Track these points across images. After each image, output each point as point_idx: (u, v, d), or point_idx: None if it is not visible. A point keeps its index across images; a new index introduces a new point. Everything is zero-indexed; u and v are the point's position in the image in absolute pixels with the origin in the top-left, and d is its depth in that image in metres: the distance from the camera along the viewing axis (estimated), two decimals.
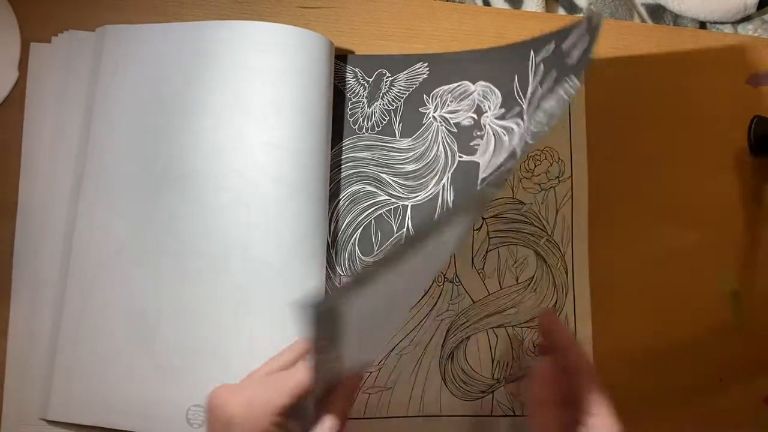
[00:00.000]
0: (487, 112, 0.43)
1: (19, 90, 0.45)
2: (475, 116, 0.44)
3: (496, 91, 0.44)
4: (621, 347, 0.48)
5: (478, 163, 0.45)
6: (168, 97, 0.44)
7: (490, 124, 0.42)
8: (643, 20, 0.55)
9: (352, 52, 0.48)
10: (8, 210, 0.44)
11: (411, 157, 0.46)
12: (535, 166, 0.49)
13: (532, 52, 0.42)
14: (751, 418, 0.49)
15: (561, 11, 0.55)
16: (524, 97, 0.42)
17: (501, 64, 0.44)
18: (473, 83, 0.44)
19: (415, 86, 0.46)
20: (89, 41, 0.46)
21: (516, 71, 0.43)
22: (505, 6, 0.53)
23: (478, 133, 0.44)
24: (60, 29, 0.46)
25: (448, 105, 0.45)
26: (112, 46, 0.45)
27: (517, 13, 0.52)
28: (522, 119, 0.41)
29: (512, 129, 0.41)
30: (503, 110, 0.43)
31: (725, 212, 0.51)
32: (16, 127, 0.45)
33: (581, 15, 0.54)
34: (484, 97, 0.44)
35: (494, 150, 0.42)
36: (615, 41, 0.52)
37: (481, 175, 0.43)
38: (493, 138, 0.43)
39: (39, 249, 0.44)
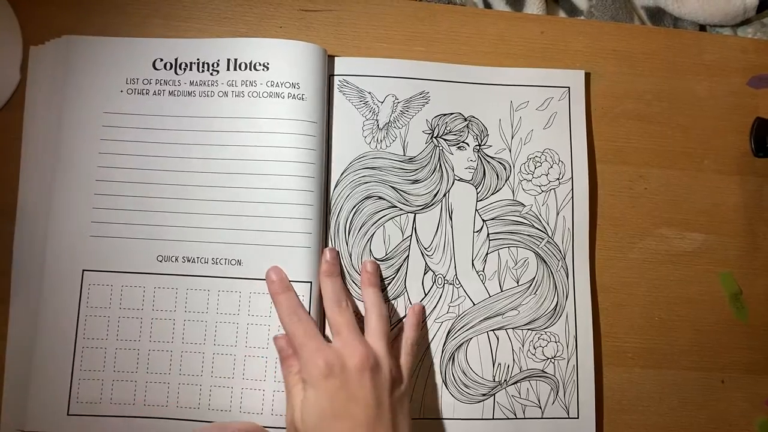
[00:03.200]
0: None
1: (20, 93, 0.46)
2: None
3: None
4: (622, 349, 0.48)
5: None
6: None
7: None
8: (643, 23, 0.55)
9: (353, 55, 0.49)
10: (8, 212, 0.44)
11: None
12: (536, 168, 0.49)
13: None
14: (753, 420, 0.48)
15: (561, 14, 0.55)
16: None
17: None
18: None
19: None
20: (81, 45, 0.46)
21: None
22: (506, 9, 0.53)
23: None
24: (62, 32, 0.46)
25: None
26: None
27: (518, 16, 0.52)
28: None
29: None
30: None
31: (727, 214, 0.51)
32: (17, 129, 0.45)
33: (581, 17, 0.54)
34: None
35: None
36: (615, 44, 0.52)
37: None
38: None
39: (36, 252, 0.43)
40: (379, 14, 0.50)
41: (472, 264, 0.47)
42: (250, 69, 0.45)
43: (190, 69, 0.46)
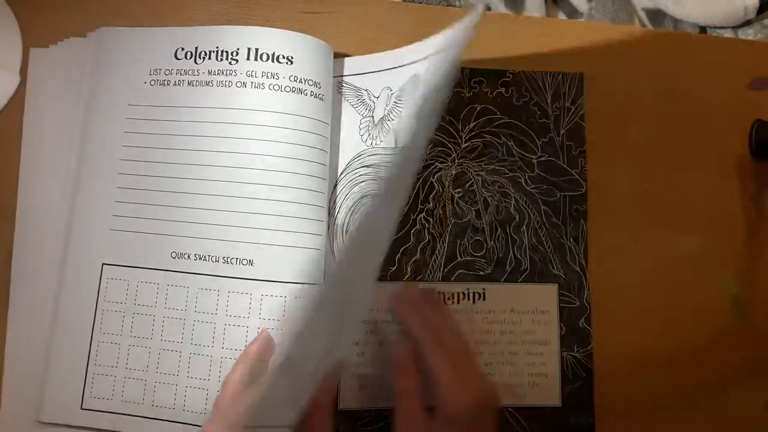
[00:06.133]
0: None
1: (20, 95, 0.46)
2: None
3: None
4: (621, 352, 0.48)
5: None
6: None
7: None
8: (643, 25, 0.55)
9: (353, 56, 0.49)
10: (8, 213, 0.44)
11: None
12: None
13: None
14: (753, 423, 0.48)
15: (561, 15, 0.55)
16: None
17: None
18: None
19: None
20: (85, 46, 0.46)
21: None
22: (506, 10, 0.53)
23: None
24: (61, 34, 0.46)
25: None
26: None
27: (518, 18, 0.52)
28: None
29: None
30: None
31: (726, 216, 0.50)
32: (16, 131, 0.45)
33: (581, 19, 0.54)
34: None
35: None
36: (615, 46, 0.52)
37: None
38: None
39: (37, 252, 0.44)
40: (379, 17, 0.50)
41: None
42: (273, 61, 0.44)
43: (209, 58, 0.45)
